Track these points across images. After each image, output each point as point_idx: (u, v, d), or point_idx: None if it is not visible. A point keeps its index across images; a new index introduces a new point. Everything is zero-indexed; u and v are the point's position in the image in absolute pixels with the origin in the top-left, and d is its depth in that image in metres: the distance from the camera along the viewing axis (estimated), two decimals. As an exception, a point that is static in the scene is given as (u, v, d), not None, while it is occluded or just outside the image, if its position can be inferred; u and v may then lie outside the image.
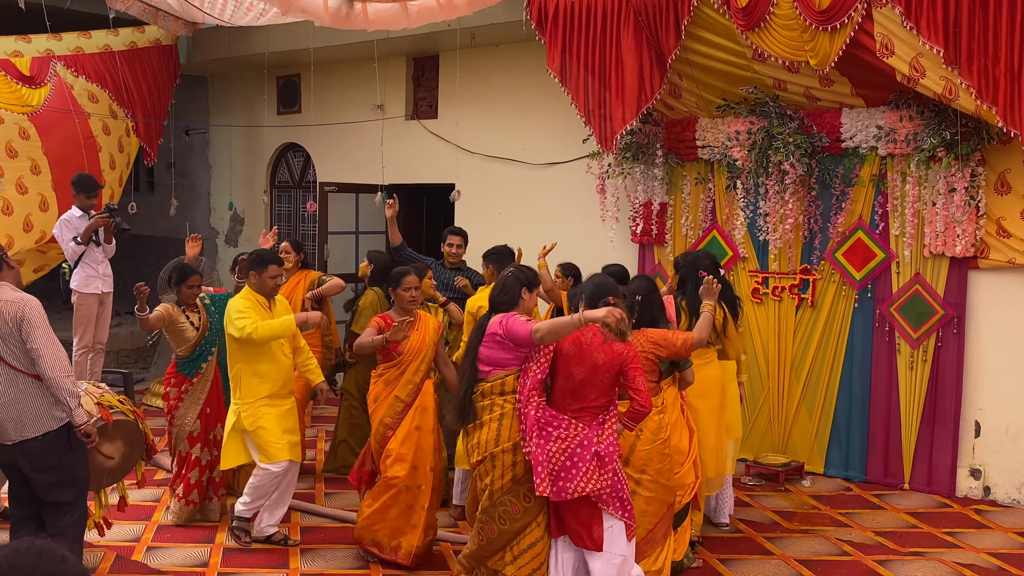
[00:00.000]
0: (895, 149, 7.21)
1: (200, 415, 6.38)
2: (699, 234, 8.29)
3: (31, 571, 1.91)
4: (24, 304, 4.62)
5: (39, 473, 4.75)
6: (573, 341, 4.61)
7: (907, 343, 7.36)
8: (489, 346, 4.75)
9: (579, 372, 4.59)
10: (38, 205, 9.31)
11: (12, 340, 4.61)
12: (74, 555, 2.02)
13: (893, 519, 6.78)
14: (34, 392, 4.66)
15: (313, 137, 11.52)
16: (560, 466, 4.51)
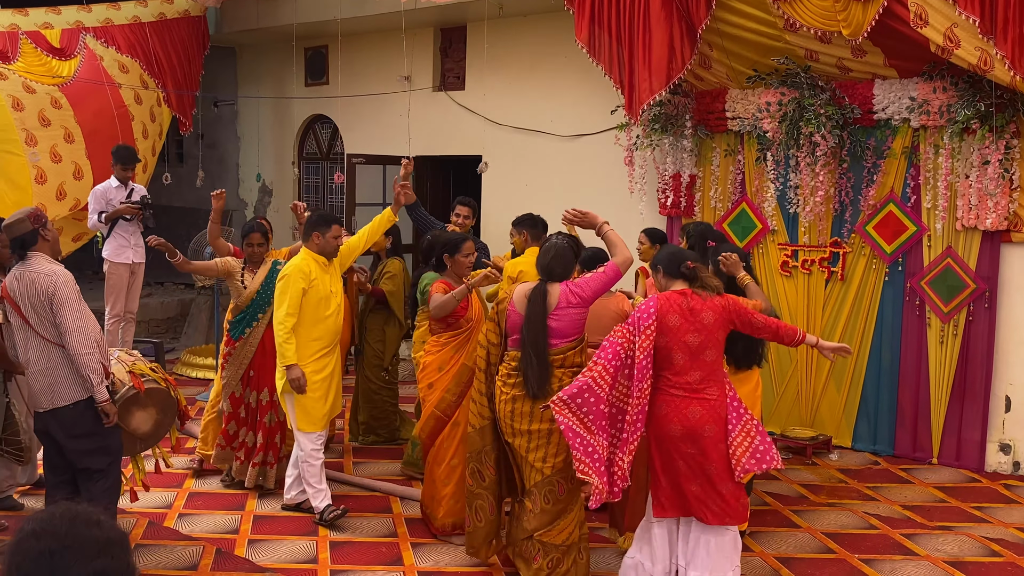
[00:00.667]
0: (928, 121, 7.11)
1: (243, 378, 6.41)
2: (728, 206, 8.23)
3: (65, 534, 1.95)
4: (56, 279, 4.68)
5: (71, 440, 4.84)
6: (677, 311, 4.55)
7: (938, 317, 7.30)
8: (558, 317, 4.80)
9: (694, 339, 4.53)
10: (72, 173, 9.38)
11: (44, 313, 4.68)
12: (108, 519, 2.05)
13: (921, 493, 6.75)
14: (65, 362, 4.74)
15: (341, 109, 11.52)
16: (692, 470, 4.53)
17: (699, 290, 4.59)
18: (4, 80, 9.02)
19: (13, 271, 4.81)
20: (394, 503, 6.33)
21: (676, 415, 4.51)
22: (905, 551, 5.68)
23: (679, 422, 4.50)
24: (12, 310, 4.76)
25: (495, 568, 5.30)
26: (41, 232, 4.79)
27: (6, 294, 4.77)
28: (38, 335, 4.72)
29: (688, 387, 4.53)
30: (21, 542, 1.95)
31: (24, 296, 4.70)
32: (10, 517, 5.81)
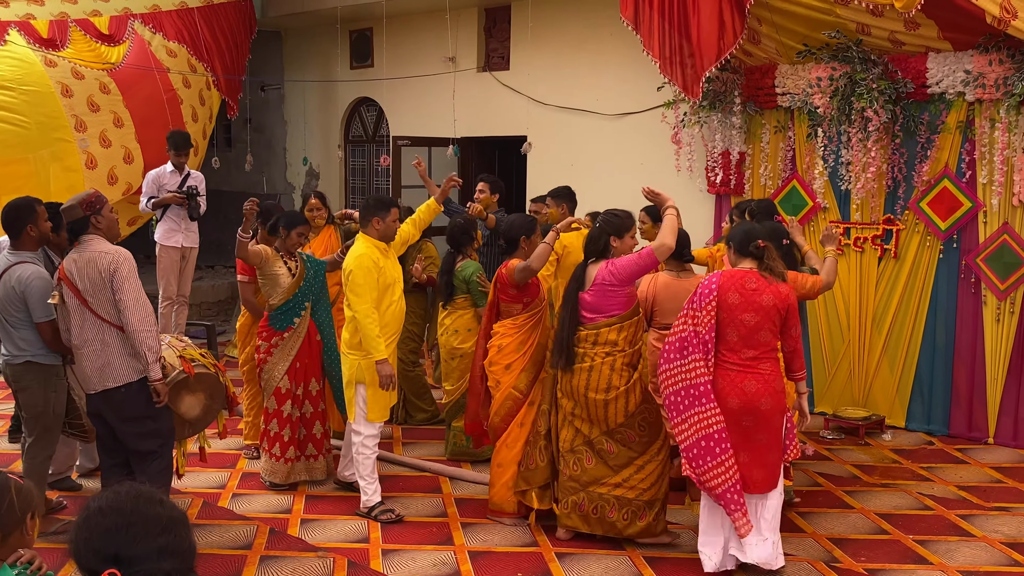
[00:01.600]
0: (983, 94, 6.95)
1: (289, 370, 6.09)
2: (778, 184, 8.13)
3: (131, 512, 1.99)
4: (117, 256, 4.75)
5: (123, 423, 4.92)
6: (737, 289, 4.71)
7: (994, 295, 7.16)
8: (593, 293, 5.15)
9: (751, 318, 4.69)
10: (122, 158, 9.52)
11: (103, 292, 4.75)
12: (169, 499, 2.09)
13: (977, 473, 6.64)
14: (118, 343, 4.81)
15: (386, 91, 11.55)
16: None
17: (765, 272, 4.73)
18: (53, 67, 9.14)
19: (71, 254, 4.88)
20: (444, 483, 6.37)
21: (732, 389, 4.69)
22: (961, 532, 5.59)
23: (735, 396, 4.68)
24: (69, 291, 4.82)
25: (543, 547, 5.32)
26: (93, 219, 4.85)
27: (64, 276, 4.84)
28: (95, 315, 4.79)
29: (742, 363, 4.71)
30: (88, 519, 2.00)
31: (83, 276, 4.76)
32: (69, 497, 5.93)
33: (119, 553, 1.94)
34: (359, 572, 5.00)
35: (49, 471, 5.61)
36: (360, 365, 5.65)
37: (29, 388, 5.32)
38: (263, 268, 6.08)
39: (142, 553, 1.95)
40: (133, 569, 1.92)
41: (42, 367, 5.31)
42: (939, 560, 5.19)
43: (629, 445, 5.20)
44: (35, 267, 5.25)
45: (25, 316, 5.22)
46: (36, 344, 5.28)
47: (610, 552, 5.27)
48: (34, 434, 5.36)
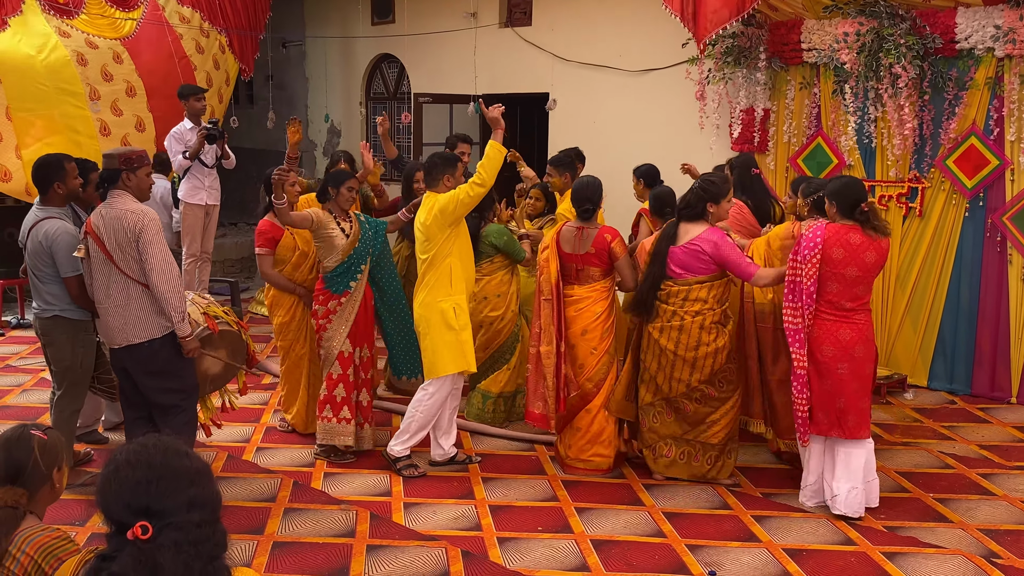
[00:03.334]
0: (1013, 50, 6.83)
1: (349, 334, 5.88)
2: (803, 141, 8.05)
3: (158, 465, 2.01)
4: (143, 216, 4.78)
5: (147, 377, 4.97)
6: (841, 245, 4.99)
7: (1020, 253, 7.09)
8: (686, 252, 5.38)
9: (853, 272, 5.01)
10: (134, 126, 9.59)
11: (129, 249, 4.78)
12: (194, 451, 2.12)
13: (998, 433, 6.63)
14: (142, 299, 4.85)
15: (407, 47, 11.48)
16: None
17: (868, 230, 5.01)
18: (67, 37, 9.21)
19: (99, 208, 4.91)
20: (465, 439, 6.41)
21: (828, 337, 5.05)
22: (981, 491, 5.59)
23: (831, 343, 5.04)
24: (95, 246, 4.86)
25: (563, 501, 5.36)
26: (124, 175, 4.85)
27: (90, 230, 4.87)
28: (120, 271, 4.83)
29: (840, 314, 5.05)
30: (117, 472, 2.02)
31: (110, 233, 4.79)
32: (97, 449, 6.02)
33: (150, 506, 1.96)
34: (381, 524, 5.06)
35: (77, 425, 5.69)
36: (455, 309, 5.60)
37: (57, 342, 5.39)
38: (316, 232, 5.84)
39: (172, 505, 1.97)
40: (164, 521, 1.95)
41: (70, 322, 5.37)
42: (959, 518, 5.20)
43: (707, 402, 5.47)
44: (62, 222, 5.29)
45: (53, 271, 5.27)
46: (64, 299, 5.34)
47: (629, 508, 5.31)
48: (62, 388, 5.43)
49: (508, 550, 4.78)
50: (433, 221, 5.55)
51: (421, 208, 5.71)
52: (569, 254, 5.77)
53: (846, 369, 5.03)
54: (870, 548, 4.82)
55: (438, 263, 5.61)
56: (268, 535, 4.91)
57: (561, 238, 5.82)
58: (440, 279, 5.62)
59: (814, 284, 5.01)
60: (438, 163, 5.74)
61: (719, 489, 5.58)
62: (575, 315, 5.76)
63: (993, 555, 4.76)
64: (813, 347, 5.07)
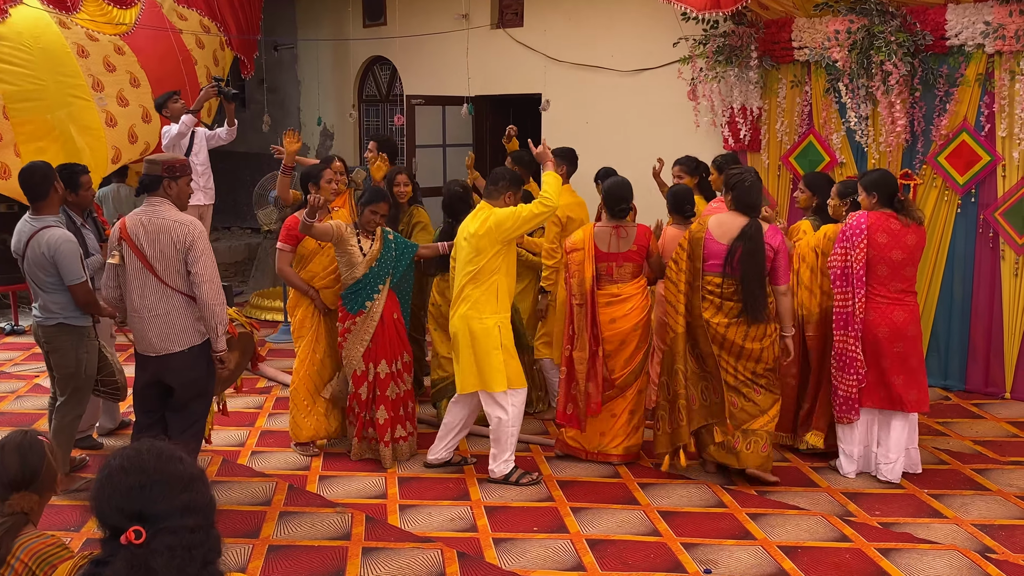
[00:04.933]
0: (1003, 46, 6.85)
1: (364, 354, 5.84)
2: (795, 139, 8.06)
3: (152, 470, 2.02)
4: (193, 229, 4.73)
5: (183, 387, 4.95)
6: (884, 230, 5.47)
7: (1012, 249, 7.11)
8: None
9: (898, 255, 5.49)
10: (140, 117, 9.54)
11: (173, 260, 4.73)
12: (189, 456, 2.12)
13: (993, 428, 6.64)
14: (182, 308, 4.81)
15: (399, 49, 11.48)
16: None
17: (903, 216, 5.48)
18: (67, 29, 9.14)
19: (137, 215, 4.79)
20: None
21: (883, 319, 5.51)
22: (976, 486, 5.61)
23: (886, 324, 5.50)
24: (132, 254, 4.75)
25: (559, 501, 5.37)
26: (165, 183, 4.78)
27: (126, 236, 4.75)
28: (160, 281, 4.75)
29: (891, 295, 5.51)
30: (111, 477, 2.02)
31: (153, 242, 4.70)
32: (91, 455, 6.01)
33: (143, 510, 1.96)
34: (377, 527, 5.06)
35: (77, 429, 5.68)
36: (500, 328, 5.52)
37: (61, 349, 5.38)
38: (337, 245, 5.80)
39: (165, 510, 1.97)
40: (157, 526, 1.95)
41: (74, 328, 5.36)
42: (954, 514, 5.21)
43: (771, 388, 5.55)
44: (61, 231, 5.25)
45: (56, 280, 5.24)
46: (68, 307, 5.32)
47: (625, 507, 5.32)
48: (65, 394, 5.42)
49: (504, 551, 4.78)
50: (487, 233, 5.44)
51: (472, 218, 5.59)
52: (607, 253, 5.80)
53: (901, 348, 5.50)
54: (865, 544, 4.83)
55: (484, 279, 5.50)
56: (263, 539, 4.91)
57: (596, 238, 5.83)
58: (487, 295, 5.52)
59: (863, 268, 5.46)
60: (506, 177, 5.64)
61: (714, 487, 5.59)
62: (626, 313, 5.80)
63: (988, 550, 4.77)
64: (869, 329, 5.50)
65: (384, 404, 5.88)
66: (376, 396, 5.89)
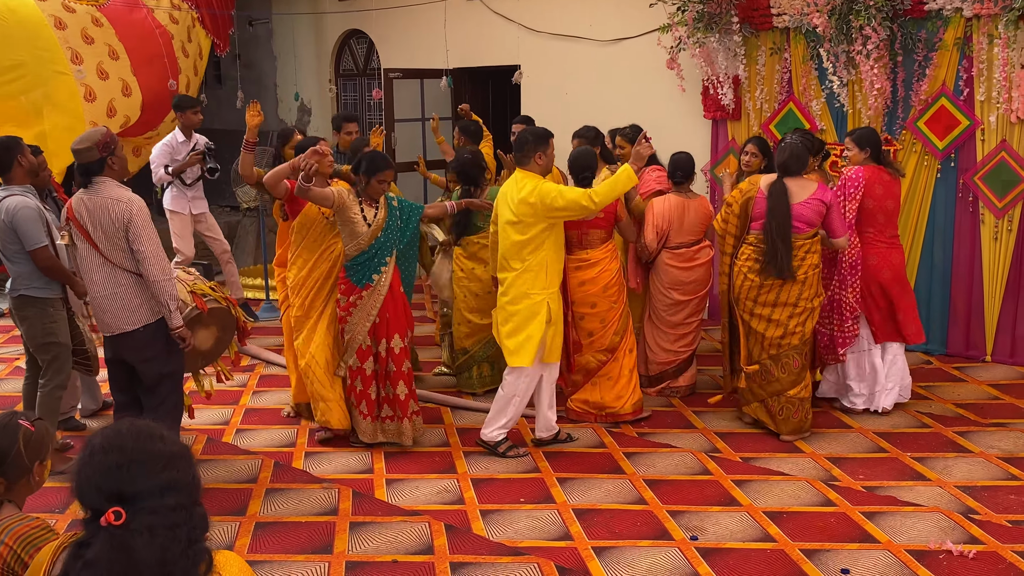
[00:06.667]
0: (981, 9, 6.84)
1: (371, 329, 5.61)
2: (775, 107, 8.04)
3: (131, 449, 1.99)
4: (131, 206, 4.66)
5: (143, 364, 4.91)
6: (879, 182, 5.97)
7: (991, 213, 7.13)
8: (810, 208, 5.64)
9: (891, 204, 6.06)
10: (120, 90, 9.39)
11: (116, 238, 4.68)
12: (172, 435, 2.10)
13: (974, 391, 6.70)
14: (132, 287, 4.77)
15: (376, 22, 11.37)
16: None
17: (891, 170, 6.08)
18: (43, 1, 8.99)
19: (80, 194, 4.76)
20: (445, 414, 6.42)
21: (884, 262, 6.07)
22: (959, 449, 5.65)
23: (888, 267, 6.07)
24: (79, 233, 4.74)
25: (545, 472, 5.38)
26: (108, 160, 4.72)
27: (72, 216, 4.74)
28: (107, 260, 4.73)
29: (888, 240, 6.08)
30: (90, 457, 2.00)
31: (96, 222, 4.67)
32: (74, 436, 5.98)
33: (122, 490, 1.94)
34: (364, 502, 5.06)
35: (59, 403, 5.64)
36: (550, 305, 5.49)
37: (28, 319, 5.40)
38: (339, 213, 5.51)
39: (145, 489, 1.95)
40: (137, 506, 1.93)
41: (37, 300, 5.36)
42: (937, 476, 5.26)
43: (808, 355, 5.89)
44: (22, 197, 5.25)
45: (19, 248, 5.24)
46: (30, 277, 5.32)
47: (611, 476, 5.34)
48: (43, 364, 5.44)
49: (491, 522, 4.79)
50: (532, 209, 5.35)
51: (513, 184, 5.49)
52: (576, 221, 5.82)
53: (899, 289, 6.10)
54: (850, 508, 4.87)
55: (531, 251, 5.44)
56: (250, 516, 4.90)
57: None
58: (537, 272, 5.46)
59: (855, 217, 5.94)
60: (529, 139, 5.49)
61: (699, 455, 5.61)
62: (594, 276, 5.94)
63: (971, 511, 4.82)
64: (874, 273, 6.03)
65: (402, 379, 5.69)
66: (393, 371, 5.66)
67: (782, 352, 5.76)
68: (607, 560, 4.40)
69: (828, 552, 4.43)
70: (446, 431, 6.12)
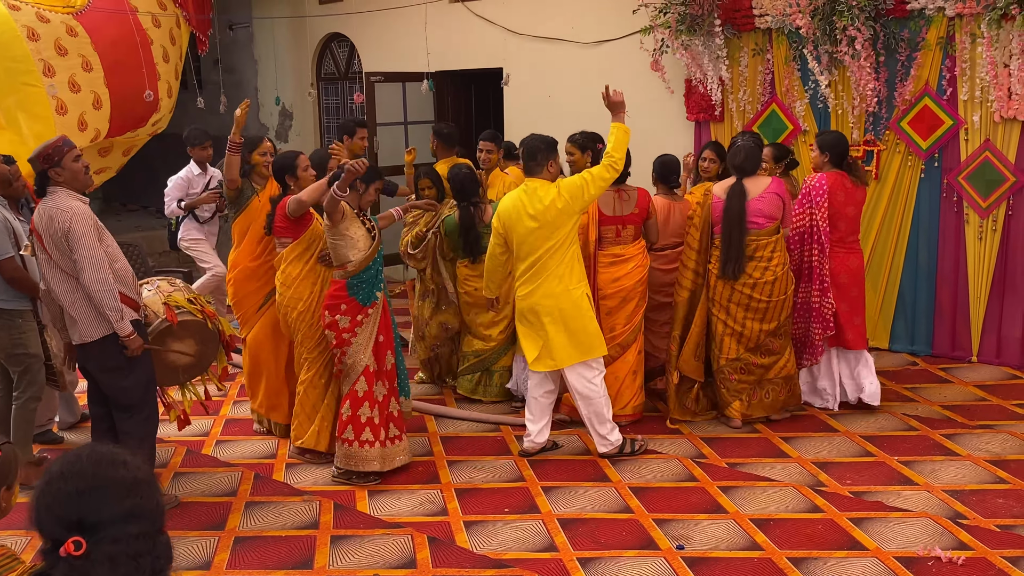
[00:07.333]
0: (964, 9, 6.81)
1: (373, 347, 5.35)
2: (757, 108, 8.00)
3: (92, 476, 1.92)
4: (71, 214, 4.61)
5: (103, 374, 4.85)
6: (841, 189, 6.03)
7: (976, 212, 7.11)
8: (767, 201, 5.81)
9: (851, 211, 6.13)
10: (91, 103, 9.26)
11: (62, 247, 4.64)
12: (138, 458, 2.02)
13: (961, 392, 6.66)
14: (88, 297, 4.70)
15: (357, 26, 11.28)
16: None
17: (854, 177, 6.14)
18: (17, 11, 8.86)
19: (39, 206, 4.76)
20: (429, 422, 6.35)
21: (843, 267, 6.15)
22: (946, 451, 5.62)
23: (846, 272, 6.15)
24: (38, 244, 4.75)
25: (530, 481, 5.32)
26: (52, 172, 4.69)
27: (33, 228, 4.76)
28: (61, 270, 4.70)
29: (847, 246, 6.16)
30: (49, 484, 1.93)
31: (46, 231, 4.67)
32: (51, 449, 5.89)
33: (83, 519, 1.87)
34: (345, 514, 4.99)
35: (34, 416, 5.56)
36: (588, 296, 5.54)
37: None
38: (347, 225, 5.21)
39: (107, 518, 1.88)
40: (98, 535, 1.86)
41: (5, 312, 5.32)
42: (924, 480, 5.21)
43: (788, 334, 6.07)
44: None
45: None
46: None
47: (596, 484, 5.28)
48: (15, 375, 5.39)
49: (475, 534, 4.72)
50: (565, 207, 5.32)
51: (527, 195, 5.39)
52: (611, 216, 5.92)
53: (857, 292, 6.22)
54: (837, 515, 4.82)
55: (563, 251, 5.40)
56: (229, 530, 4.82)
57: (600, 202, 5.92)
58: (569, 267, 5.44)
59: (826, 223, 6.00)
60: (541, 148, 5.46)
61: (685, 461, 5.56)
62: (629, 271, 5.98)
63: (959, 516, 4.78)
64: (833, 277, 6.09)
65: (394, 396, 5.51)
66: (389, 388, 5.46)
67: (761, 342, 5.99)
68: (592, 571, 4.33)
69: (815, 560, 4.38)
70: (429, 440, 6.05)
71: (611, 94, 5.54)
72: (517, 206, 5.43)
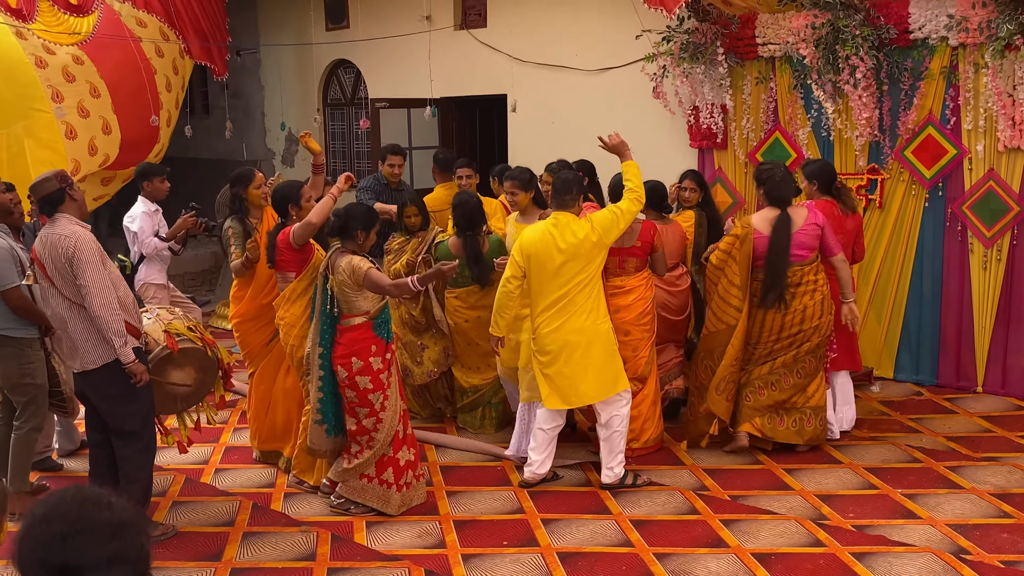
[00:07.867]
0: (967, 39, 6.81)
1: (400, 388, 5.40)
2: (761, 136, 7.99)
3: (76, 518, 1.89)
4: (76, 239, 4.63)
5: (103, 401, 4.84)
6: (829, 216, 5.99)
7: (980, 242, 7.08)
8: (808, 234, 5.83)
9: (842, 238, 6.07)
10: (100, 128, 9.32)
11: (66, 274, 4.65)
12: (123, 499, 1.99)
13: (966, 424, 6.60)
14: (89, 323, 4.70)
15: (363, 52, 11.34)
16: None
17: (842, 205, 6.24)
18: (24, 40, 8.93)
19: (40, 233, 4.79)
20: (429, 451, 6.31)
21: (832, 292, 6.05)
22: (950, 484, 5.56)
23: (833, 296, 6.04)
24: (40, 272, 4.76)
25: (529, 513, 5.27)
26: (68, 191, 4.75)
27: (35, 256, 4.77)
28: (64, 297, 4.70)
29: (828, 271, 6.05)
30: (32, 527, 1.90)
31: (48, 258, 4.68)
32: (50, 477, 5.87)
33: (66, 563, 1.84)
34: (342, 546, 4.95)
35: (35, 445, 5.55)
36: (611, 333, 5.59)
37: (3, 360, 5.33)
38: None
39: (91, 562, 1.85)
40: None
41: (13, 340, 5.31)
42: (928, 514, 5.16)
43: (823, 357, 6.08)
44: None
45: None
46: (4, 317, 5.27)
47: (596, 517, 5.23)
48: (19, 405, 5.37)
49: (472, 568, 4.68)
50: (599, 240, 5.38)
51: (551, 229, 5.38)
52: (614, 248, 5.80)
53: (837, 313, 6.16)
54: (839, 549, 4.76)
55: (592, 285, 5.43)
56: (226, 561, 4.79)
57: None
58: (597, 301, 5.47)
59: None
60: (575, 185, 5.51)
61: (687, 493, 5.51)
62: (630, 304, 5.97)
63: (962, 551, 4.72)
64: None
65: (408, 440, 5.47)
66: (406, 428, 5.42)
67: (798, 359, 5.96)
68: (591, 606, 4.29)
69: (817, 596, 4.32)
70: (428, 469, 6.01)
71: (608, 140, 5.65)
72: (545, 239, 5.38)
